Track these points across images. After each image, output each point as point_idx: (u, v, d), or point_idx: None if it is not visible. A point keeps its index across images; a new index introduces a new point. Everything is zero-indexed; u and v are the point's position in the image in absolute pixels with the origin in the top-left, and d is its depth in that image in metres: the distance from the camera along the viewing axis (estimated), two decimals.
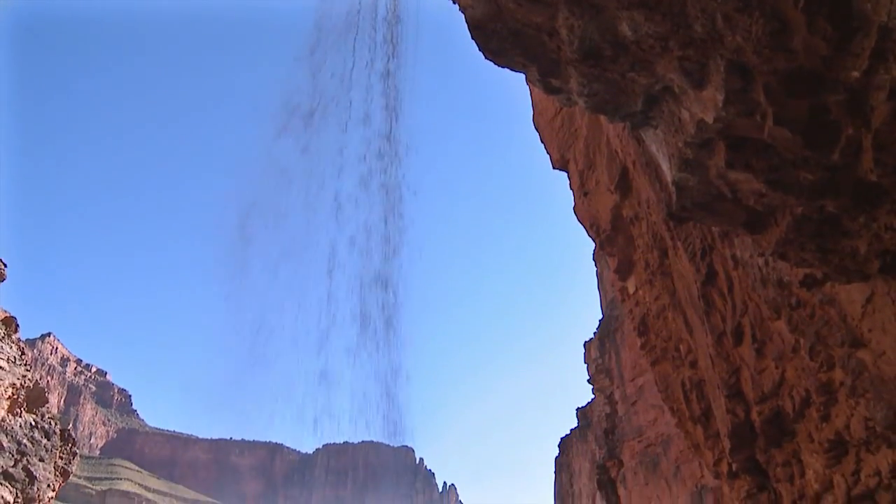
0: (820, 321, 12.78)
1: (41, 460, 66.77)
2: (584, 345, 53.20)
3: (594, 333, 51.02)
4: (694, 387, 23.29)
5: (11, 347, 62.30)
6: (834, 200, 7.73)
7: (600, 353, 47.74)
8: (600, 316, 49.89)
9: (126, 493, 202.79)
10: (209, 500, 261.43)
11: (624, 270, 29.21)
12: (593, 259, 51.71)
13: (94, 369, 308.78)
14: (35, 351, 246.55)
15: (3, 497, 62.92)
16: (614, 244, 27.75)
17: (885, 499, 14.65)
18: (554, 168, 26.64)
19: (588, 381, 53.04)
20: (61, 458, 70.06)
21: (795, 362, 15.15)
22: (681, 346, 23.88)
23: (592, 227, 28.22)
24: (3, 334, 59.22)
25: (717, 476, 23.77)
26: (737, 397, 18.95)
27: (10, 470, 64.28)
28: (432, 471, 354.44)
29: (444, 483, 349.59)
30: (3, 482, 63.18)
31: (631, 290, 28.99)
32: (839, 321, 12.18)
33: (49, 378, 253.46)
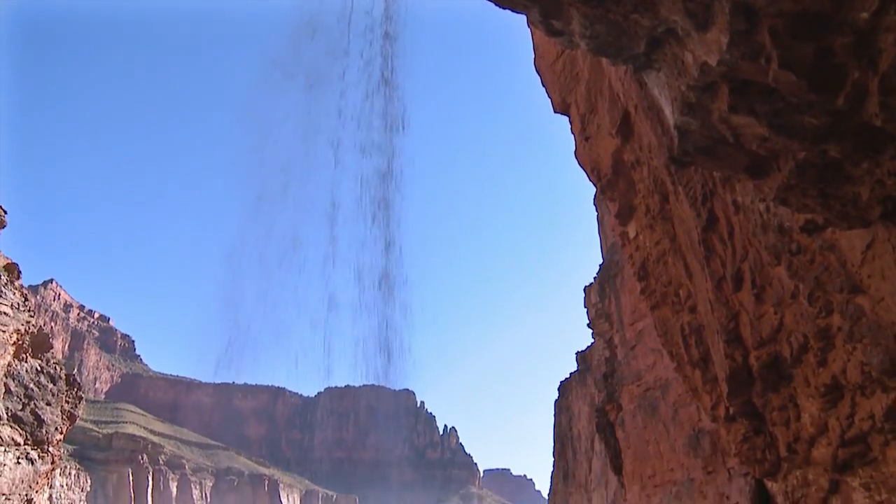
0: (819, 267, 12.77)
1: (48, 404, 67.66)
2: (584, 290, 53.37)
3: (594, 278, 51.13)
4: (693, 332, 23.42)
5: (14, 294, 62.61)
6: (837, 146, 7.64)
7: (600, 298, 47.91)
8: (600, 261, 49.96)
9: (132, 437, 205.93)
10: (213, 442, 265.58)
11: (624, 215, 29.16)
12: (594, 204, 51.54)
13: (96, 315, 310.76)
14: (38, 297, 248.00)
15: (13, 439, 64.04)
16: (615, 189, 27.64)
17: (877, 441, 14.85)
18: (555, 112, 26.35)
19: (588, 325, 53.37)
20: (68, 402, 70.99)
21: (794, 308, 15.19)
22: (680, 292, 23.95)
23: (593, 172, 28.07)
24: (5, 281, 59.48)
25: (714, 420, 24.06)
26: (735, 342, 19.06)
27: (19, 413, 65.25)
28: (433, 414, 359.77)
29: (445, 426, 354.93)
30: (13, 425, 64.20)
31: (631, 235, 28.98)
32: (839, 267, 12.17)
33: (53, 324, 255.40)
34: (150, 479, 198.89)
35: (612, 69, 20.19)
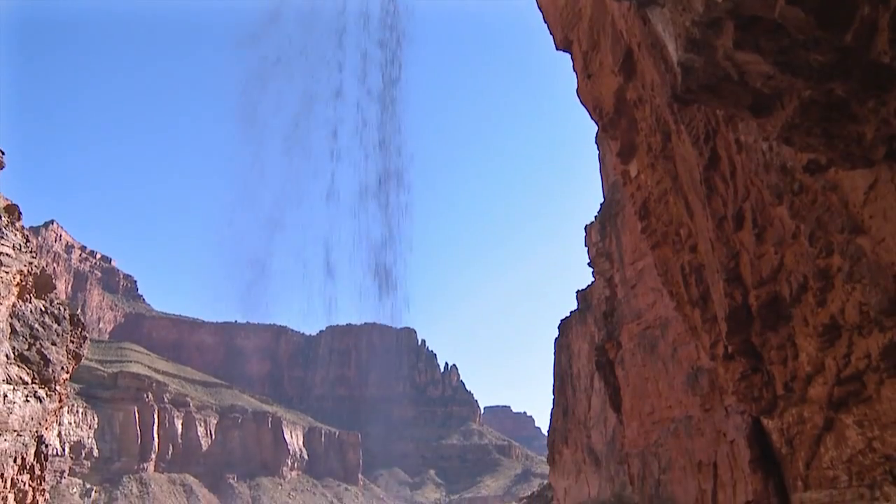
0: (821, 207, 12.71)
1: (53, 344, 68.33)
2: (585, 228, 53.38)
3: (595, 217, 51.08)
4: (693, 271, 23.47)
5: (16, 235, 62.61)
6: (843, 84, 7.50)
7: (601, 237, 47.93)
8: (601, 200, 49.84)
9: (136, 375, 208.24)
10: (217, 380, 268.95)
11: (626, 154, 28.94)
12: (596, 142, 51.19)
13: (98, 256, 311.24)
14: (39, 238, 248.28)
15: (21, 378, 64.85)
16: (617, 127, 27.38)
17: (872, 380, 15.00)
18: (557, 49, 25.94)
19: (588, 264, 53.52)
20: (72, 341, 71.67)
21: (795, 248, 15.18)
22: (681, 231, 23.93)
23: (595, 110, 27.76)
24: (5, 222, 59.42)
25: (713, 358, 24.27)
26: (735, 281, 19.11)
27: (25, 353, 65.94)
28: (434, 351, 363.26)
29: (446, 363, 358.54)
30: (20, 364, 64.94)
31: (633, 173, 28.81)
32: (840, 207, 12.11)
33: (55, 265, 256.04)
34: (155, 416, 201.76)
35: (614, 5, 19.80)
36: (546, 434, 78.09)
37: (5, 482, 70.50)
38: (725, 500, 27.62)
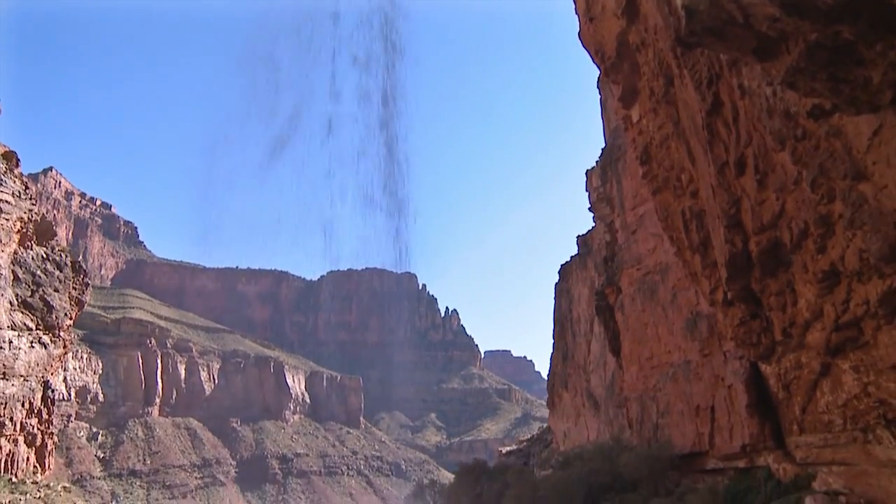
0: (824, 153, 12.63)
1: (56, 291, 68.72)
2: (586, 173, 53.16)
3: (596, 162, 50.83)
4: (694, 216, 23.45)
5: (14, 182, 62.38)
6: (851, 26, 7.35)
7: (602, 182, 47.75)
8: (603, 145, 49.52)
9: (139, 321, 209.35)
10: (219, 326, 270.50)
11: (628, 98, 28.65)
12: (597, 87, 50.65)
13: (98, 202, 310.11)
14: (38, 185, 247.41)
15: (25, 324, 65.40)
16: (619, 71, 27.06)
17: (869, 326, 15.11)
18: None
19: (589, 209, 53.42)
20: (75, 288, 72.10)
21: (796, 194, 15.14)
22: (682, 176, 23.84)
23: (597, 54, 27.40)
24: (4, 169, 59.08)
25: (712, 304, 24.41)
26: (736, 227, 19.12)
27: (29, 300, 66.39)
28: (434, 296, 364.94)
29: (447, 308, 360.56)
30: (24, 311, 65.42)
31: (635, 118, 28.58)
32: (844, 153, 12.03)
33: (55, 212, 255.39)
34: (158, 362, 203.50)
35: None
36: (546, 378, 78.84)
37: (15, 425, 71.68)
38: (722, 444, 28.04)
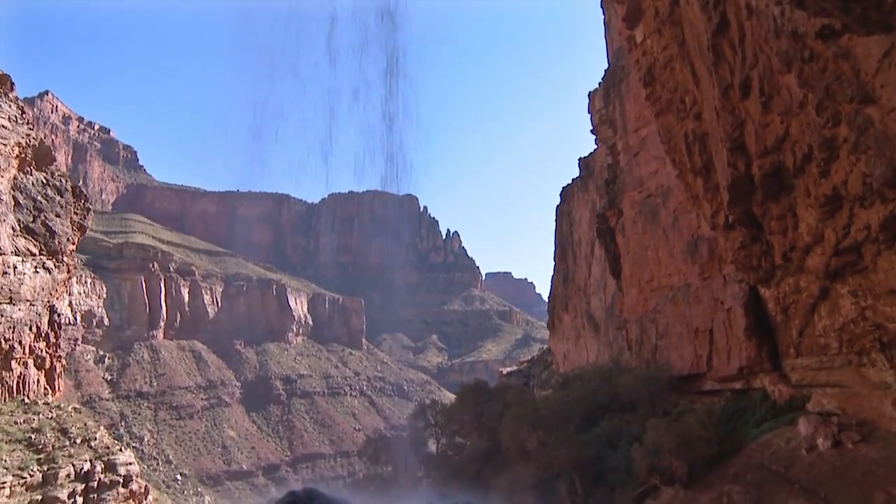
0: (831, 75, 12.44)
1: (57, 216, 68.65)
2: (589, 95, 52.49)
3: (599, 84, 50.14)
4: (697, 139, 23.28)
5: (10, 106, 61.56)
6: None
7: (605, 104, 47.21)
8: (606, 66, 48.79)
9: (142, 246, 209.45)
10: (221, 249, 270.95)
11: (632, 18, 28.10)
12: (601, 6, 49.61)
13: (97, 127, 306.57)
14: (35, 110, 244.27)
15: (28, 249, 65.55)
16: None
17: (869, 251, 15.17)
18: None
19: (591, 131, 52.96)
20: (76, 213, 71.97)
21: (801, 117, 14.97)
22: (686, 98, 23.56)
23: None
24: None
25: (713, 227, 24.45)
26: (739, 151, 18.99)
27: (31, 225, 66.36)
28: (436, 218, 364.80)
29: (448, 230, 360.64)
30: (27, 236, 65.47)
31: (639, 39, 28.07)
32: (851, 76, 11.84)
33: (53, 137, 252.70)
34: (162, 285, 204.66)
35: None
36: (546, 300, 79.50)
37: (24, 349, 72.66)
38: (720, 366, 28.48)
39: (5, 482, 64.35)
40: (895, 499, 15.79)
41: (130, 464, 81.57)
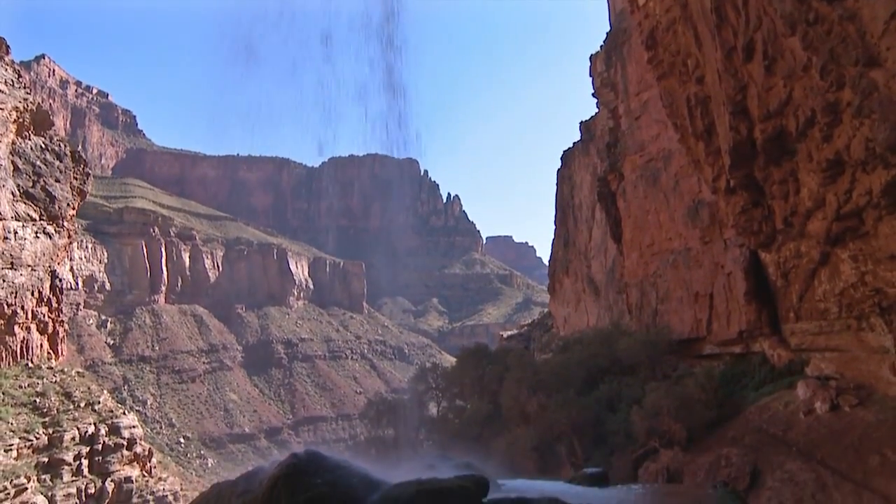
0: (836, 38, 12.31)
1: (57, 181, 68.49)
2: (591, 58, 52.10)
3: (601, 47, 49.74)
4: (699, 103, 23.12)
5: (6, 70, 60.99)
6: None
7: (606, 67, 46.85)
8: (608, 28, 48.34)
9: (142, 211, 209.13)
10: (221, 213, 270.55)
11: None
12: None
13: (95, 91, 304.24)
14: (31, 74, 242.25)
15: (28, 214, 65.55)
16: None
17: (871, 216, 15.13)
18: None
19: (593, 94, 52.65)
20: (76, 178, 71.82)
21: (805, 81, 14.85)
22: (688, 61, 23.36)
23: None
24: None
25: (714, 191, 24.39)
26: (741, 114, 18.87)
27: (31, 190, 66.29)
28: (437, 182, 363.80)
29: (449, 194, 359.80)
30: (27, 201, 65.44)
31: (641, 1, 27.76)
32: (857, 38, 11.72)
33: (51, 101, 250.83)
34: (163, 250, 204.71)
35: None
36: (547, 264, 79.67)
37: (26, 313, 73.08)
38: (719, 330, 28.59)
39: (12, 444, 65.20)
40: (890, 461, 15.95)
41: (134, 427, 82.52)
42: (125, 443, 79.29)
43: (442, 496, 10.82)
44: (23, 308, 71.19)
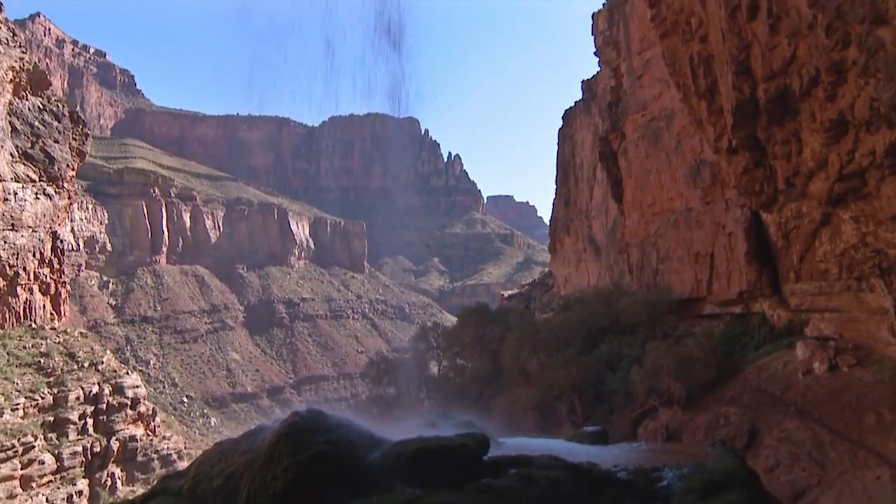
0: None
1: (56, 142, 68.10)
2: (593, 16, 51.44)
3: (603, 4, 49.09)
4: (702, 61, 22.91)
5: (0, 28, 60.24)
6: None
7: (608, 25, 46.31)
8: None
9: (142, 171, 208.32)
10: (221, 174, 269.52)
11: None
12: None
13: (92, 50, 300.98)
14: (27, 33, 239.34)
15: (28, 176, 65.32)
16: None
17: (874, 176, 15.07)
18: None
19: (595, 53, 52.09)
20: (75, 139, 71.40)
21: (809, 40, 14.68)
22: (692, 20, 23.09)
23: None
24: None
25: (716, 151, 24.28)
26: (744, 74, 18.69)
27: (29, 151, 65.96)
28: (437, 141, 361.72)
29: (449, 153, 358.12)
30: (26, 162, 65.16)
31: None
32: None
33: (47, 61, 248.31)
34: (163, 210, 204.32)
35: None
36: (548, 223, 79.66)
37: (28, 275, 73.29)
38: (720, 290, 28.67)
39: (18, 404, 65.88)
40: (886, 420, 16.11)
41: (137, 387, 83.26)
42: (129, 402, 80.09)
43: (443, 454, 10.94)
44: (25, 269, 71.36)
